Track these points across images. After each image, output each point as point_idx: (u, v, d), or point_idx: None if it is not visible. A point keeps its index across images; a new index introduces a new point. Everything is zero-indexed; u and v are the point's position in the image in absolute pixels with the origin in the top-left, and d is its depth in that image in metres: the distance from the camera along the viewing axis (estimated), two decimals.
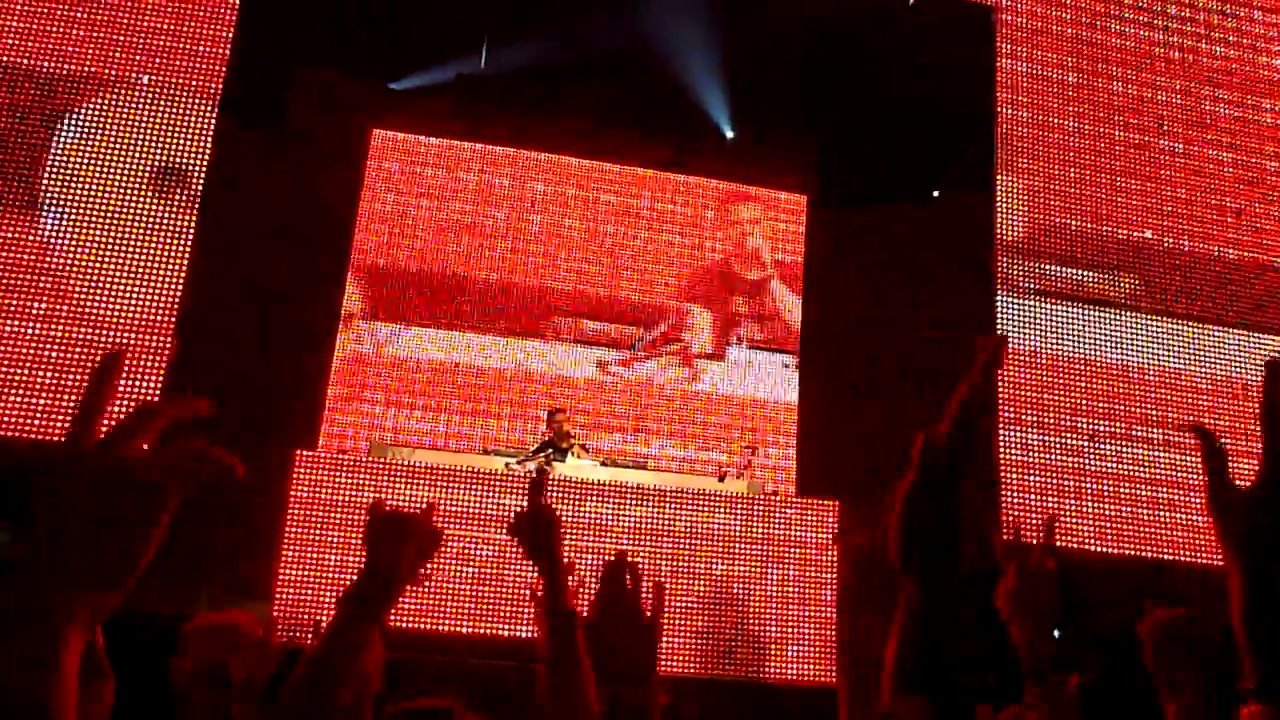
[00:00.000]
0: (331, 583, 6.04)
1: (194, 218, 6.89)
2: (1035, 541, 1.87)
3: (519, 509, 1.90)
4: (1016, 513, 7.38)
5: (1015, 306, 7.60)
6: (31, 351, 6.44)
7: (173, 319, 6.63)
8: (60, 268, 6.67)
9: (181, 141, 7.06)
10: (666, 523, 6.77)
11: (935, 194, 9.61)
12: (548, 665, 1.65)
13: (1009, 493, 7.21)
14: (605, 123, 9.71)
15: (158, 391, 6.54)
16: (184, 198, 6.90)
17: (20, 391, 6.38)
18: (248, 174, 8.26)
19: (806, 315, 9.86)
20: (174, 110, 7.10)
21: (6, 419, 6.34)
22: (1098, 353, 7.60)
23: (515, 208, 9.70)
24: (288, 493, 6.37)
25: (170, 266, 6.75)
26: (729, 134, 10.12)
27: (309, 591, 6.11)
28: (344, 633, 1.54)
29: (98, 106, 6.99)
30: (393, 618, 5.46)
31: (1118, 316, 7.71)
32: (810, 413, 9.50)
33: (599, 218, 9.85)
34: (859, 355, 9.14)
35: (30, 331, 6.46)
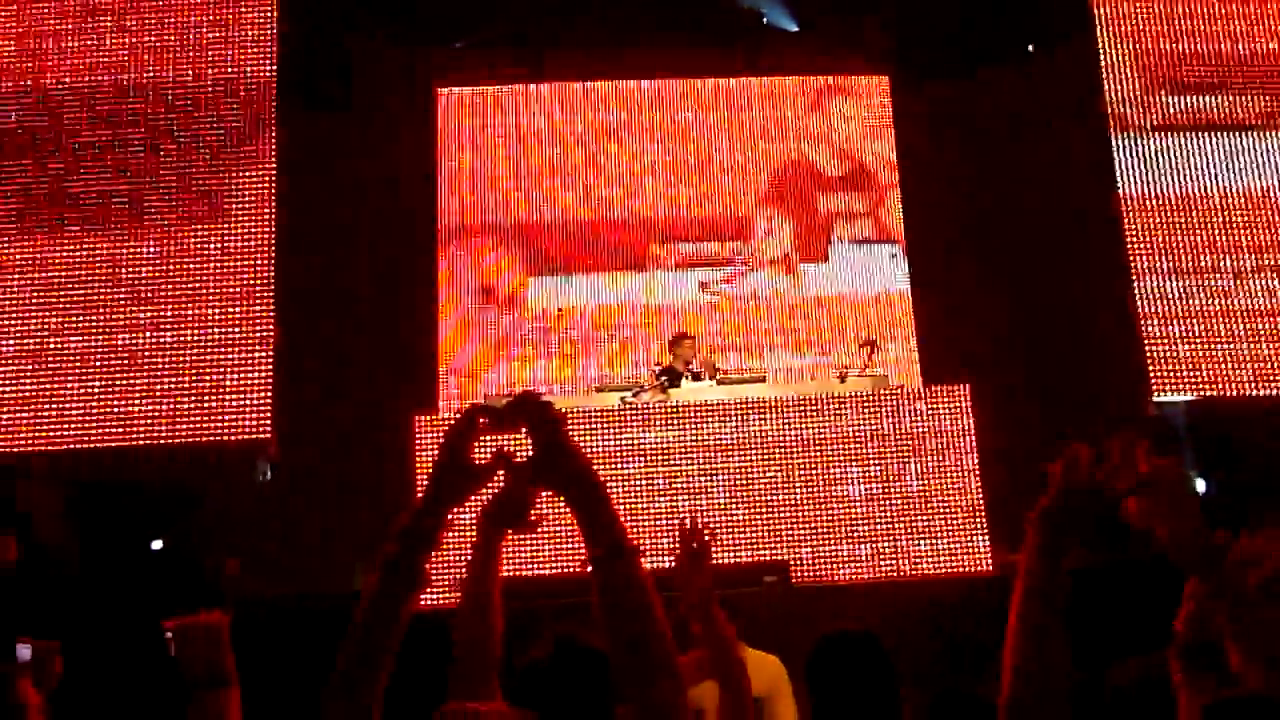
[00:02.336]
0: (468, 542, 6.04)
1: (273, 205, 6.94)
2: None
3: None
4: (1163, 369, 6.94)
5: (1134, 148, 7.06)
6: (145, 360, 6.62)
7: (271, 306, 6.72)
8: (158, 275, 6.82)
9: (251, 132, 7.10)
10: (794, 433, 6.58)
11: (1029, 49, 8.97)
12: (615, 651, 1.33)
13: (1152, 346, 6.76)
14: (667, 40, 9.38)
15: (270, 380, 6.66)
16: (262, 188, 6.95)
17: (142, 400, 6.58)
18: (322, 154, 8.26)
19: (907, 199, 9.41)
20: (238, 102, 7.13)
21: (135, 428, 6.55)
22: (1232, 182, 7.02)
23: (593, 142, 9.51)
24: (413, 458, 6.40)
25: (260, 257, 6.83)
26: (793, 28, 9.67)
27: (449, 553, 6.13)
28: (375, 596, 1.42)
29: (163, 113, 7.06)
30: (514, 567, 5.35)
31: (1248, 139, 7.09)
32: (925, 299, 9.13)
33: (679, 137, 9.58)
34: (969, 231, 8.70)
35: (140, 340, 6.64)
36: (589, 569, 1.38)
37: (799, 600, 6.16)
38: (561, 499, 1.44)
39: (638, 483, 6.41)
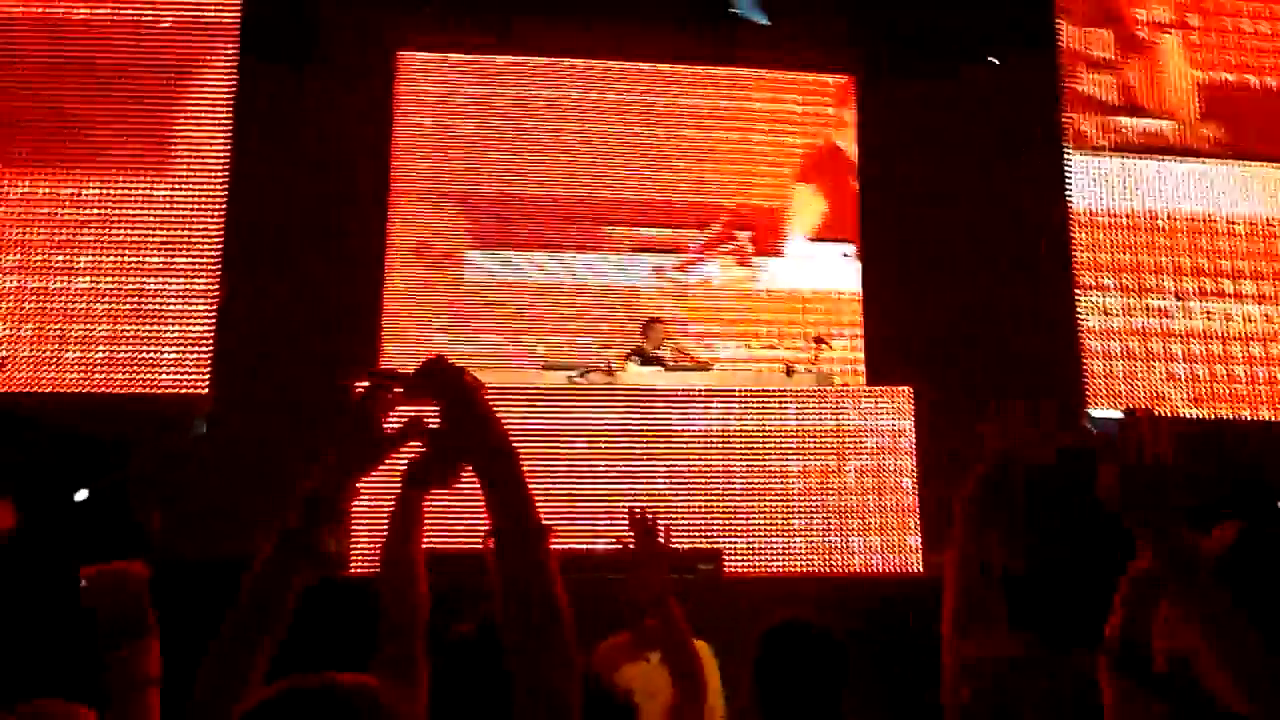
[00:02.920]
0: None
1: (227, 157, 6.79)
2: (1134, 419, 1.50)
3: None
4: (1099, 384, 7.09)
5: (1088, 164, 7.18)
6: (83, 305, 6.45)
7: (218, 261, 6.58)
8: (100, 220, 6.63)
9: (206, 81, 6.93)
10: (737, 423, 6.62)
11: (993, 60, 9.06)
12: (508, 629, 1.29)
13: (1092, 361, 6.90)
14: (638, 22, 9.32)
15: (211, 334, 6.53)
16: (215, 138, 6.79)
17: (77, 347, 6.41)
18: (278, 108, 8.09)
19: (865, 199, 9.48)
20: (195, 49, 6.95)
21: (68, 375, 6.39)
22: (1179, 206, 7.18)
23: (554, 118, 9.43)
24: None
25: (209, 209, 6.69)
26: (764, 21, 9.66)
27: (386, 522, 6.06)
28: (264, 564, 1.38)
29: (119, 51, 6.86)
30: (449, 540, 5.31)
31: (1199, 165, 7.25)
32: (875, 300, 9.21)
33: (641, 120, 9.54)
34: (922, 235, 8.79)
35: (78, 285, 6.46)
36: (490, 544, 1.32)
37: (730, 589, 6.21)
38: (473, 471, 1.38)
39: (580, 464, 6.40)
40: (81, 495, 6.54)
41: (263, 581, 1.36)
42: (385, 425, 1.45)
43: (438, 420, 1.39)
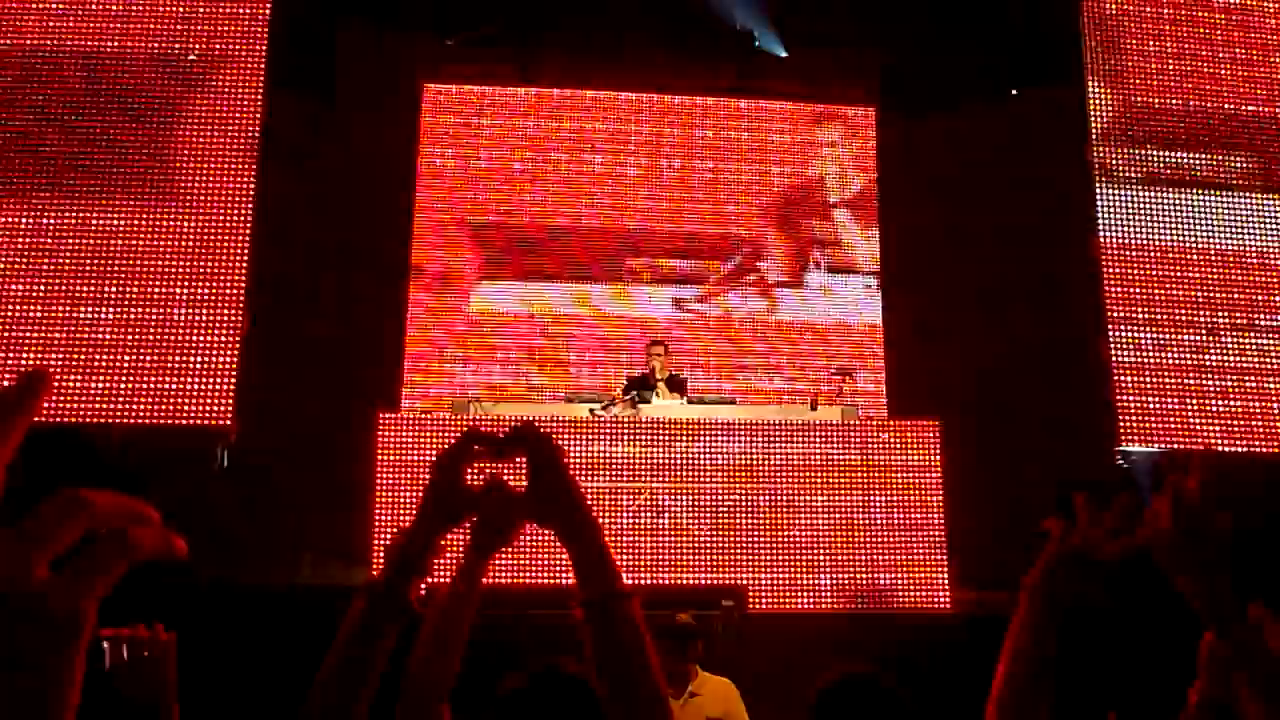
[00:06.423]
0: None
1: (252, 189, 6.82)
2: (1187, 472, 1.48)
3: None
4: (1131, 419, 6.98)
5: (1117, 198, 7.12)
6: (108, 335, 6.46)
7: (242, 291, 6.59)
8: (127, 250, 6.66)
9: (233, 113, 6.98)
10: (761, 457, 6.54)
11: (1014, 91, 9.04)
12: (607, 691, 1.31)
13: (1124, 397, 6.80)
14: (658, 54, 9.36)
15: (235, 366, 6.51)
16: (241, 170, 6.83)
17: (103, 377, 6.42)
18: (302, 141, 8.14)
19: (885, 232, 9.45)
20: (222, 83, 7.01)
21: (93, 406, 6.39)
22: (1211, 240, 7.10)
23: (577, 150, 9.45)
24: (375, 455, 6.29)
25: (234, 239, 6.70)
26: (782, 54, 9.67)
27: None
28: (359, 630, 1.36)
29: (146, 86, 6.92)
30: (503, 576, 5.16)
31: (1230, 198, 7.18)
32: (897, 333, 9.15)
33: (663, 152, 9.55)
34: (946, 267, 8.73)
35: (106, 315, 6.48)
36: (580, 612, 1.33)
37: (755, 626, 6.12)
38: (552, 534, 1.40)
39: (602, 498, 6.33)
40: None
41: (357, 636, 1.37)
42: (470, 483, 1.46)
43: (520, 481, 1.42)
